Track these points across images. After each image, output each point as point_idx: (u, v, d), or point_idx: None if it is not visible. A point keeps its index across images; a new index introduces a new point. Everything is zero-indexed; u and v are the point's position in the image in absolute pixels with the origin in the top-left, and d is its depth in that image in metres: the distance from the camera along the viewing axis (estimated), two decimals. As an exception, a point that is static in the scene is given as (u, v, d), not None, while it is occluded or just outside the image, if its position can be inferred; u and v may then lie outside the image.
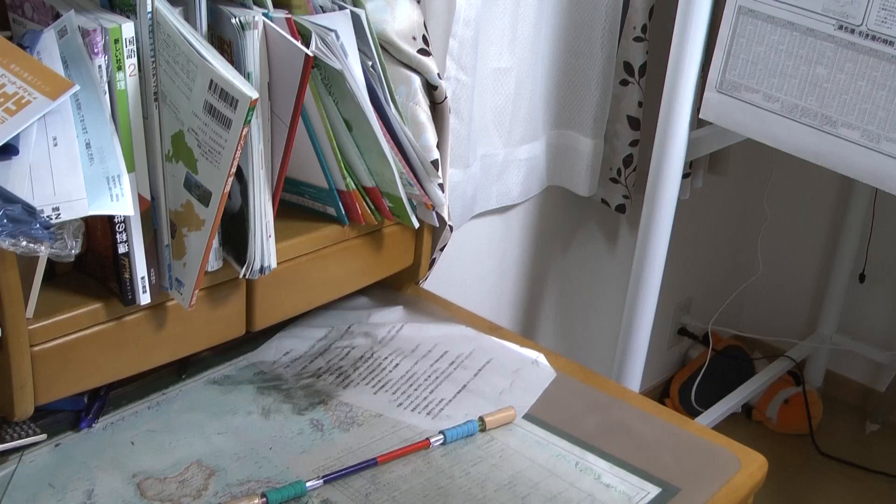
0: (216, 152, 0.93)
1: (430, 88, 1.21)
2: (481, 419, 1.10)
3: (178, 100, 0.94)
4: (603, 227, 2.16)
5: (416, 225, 1.22)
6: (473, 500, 1.01)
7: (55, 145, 0.88)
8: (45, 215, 0.85)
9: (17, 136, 0.86)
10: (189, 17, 0.97)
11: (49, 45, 0.91)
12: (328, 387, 1.17)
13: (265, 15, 0.99)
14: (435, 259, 1.37)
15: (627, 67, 1.82)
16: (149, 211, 0.99)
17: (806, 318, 2.71)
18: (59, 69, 0.90)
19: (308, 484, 0.99)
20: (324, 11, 1.09)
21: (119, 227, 0.96)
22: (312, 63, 0.97)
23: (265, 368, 1.20)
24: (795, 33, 1.46)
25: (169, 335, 1.06)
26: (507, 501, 1.01)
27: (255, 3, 1.00)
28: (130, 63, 0.93)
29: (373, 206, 1.19)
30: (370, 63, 1.11)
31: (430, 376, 1.20)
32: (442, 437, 1.08)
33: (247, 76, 0.97)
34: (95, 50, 0.90)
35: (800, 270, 2.69)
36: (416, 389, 1.17)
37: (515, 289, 1.99)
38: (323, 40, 1.03)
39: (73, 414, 1.08)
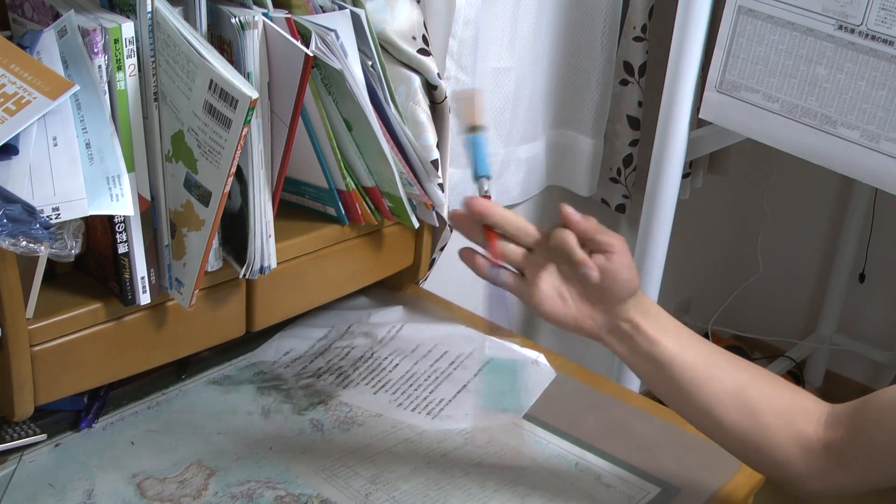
0: (216, 152, 0.93)
1: (430, 88, 1.21)
2: None
3: (178, 100, 0.94)
4: (603, 228, 2.16)
5: (416, 225, 1.22)
6: (473, 500, 1.01)
7: (55, 145, 0.88)
8: (45, 215, 0.85)
9: (17, 136, 0.86)
10: (189, 17, 0.97)
11: (49, 45, 0.91)
12: (328, 387, 1.17)
13: (265, 15, 0.99)
14: (435, 259, 1.37)
15: (627, 67, 1.82)
16: (149, 211, 0.98)
17: (806, 318, 2.71)
18: (59, 69, 0.90)
19: None
20: (324, 11, 1.09)
21: (119, 227, 0.96)
22: (312, 63, 0.97)
23: (265, 368, 1.20)
24: (795, 33, 1.46)
25: (169, 335, 1.06)
26: (507, 501, 1.01)
27: (255, 3, 1.00)
28: (130, 63, 0.92)
29: (373, 206, 1.19)
30: (370, 63, 1.11)
31: (430, 376, 1.20)
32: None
33: (247, 76, 0.97)
34: (95, 50, 0.90)
35: (800, 270, 2.69)
36: (416, 389, 1.17)
37: (515, 289, 1.98)
38: (323, 40, 1.03)
39: (73, 414, 1.08)
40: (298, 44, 0.97)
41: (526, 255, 0.94)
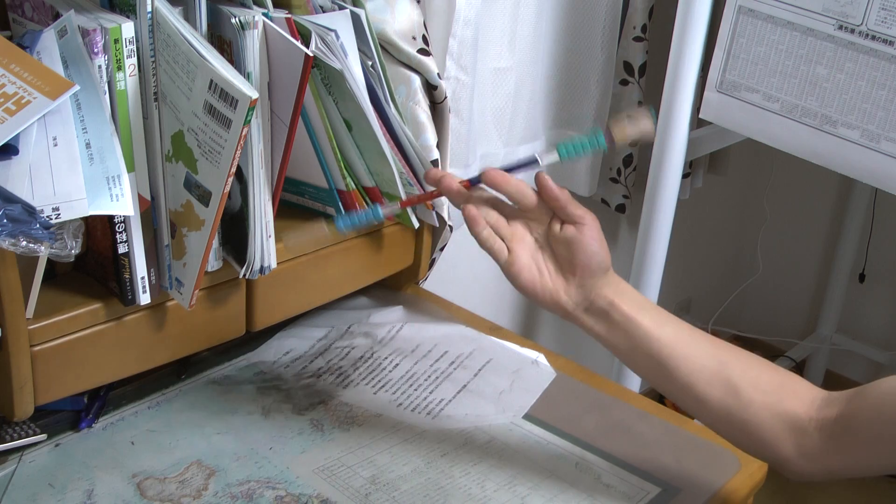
0: (216, 152, 0.93)
1: (430, 88, 1.21)
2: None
3: (178, 100, 0.94)
4: (603, 227, 2.15)
5: (416, 225, 1.22)
6: (473, 500, 1.01)
7: (55, 145, 0.88)
8: (45, 215, 0.85)
9: (17, 136, 0.86)
10: (189, 17, 0.97)
11: (49, 45, 0.91)
12: (328, 387, 1.17)
13: (265, 15, 0.99)
14: (435, 259, 1.37)
15: (627, 67, 1.82)
16: (149, 211, 0.98)
17: (806, 318, 2.71)
18: (59, 69, 0.90)
19: None
20: (324, 11, 1.09)
21: (119, 227, 0.96)
22: (312, 63, 0.97)
23: (265, 368, 1.20)
24: (795, 33, 1.46)
25: (169, 335, 1.06)
26: (507, 501, 1.01)
27: (255, 3, 1.00)
28: (130, 63, 0.93)
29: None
30: (370, 63, 1.11)
31: (430, 376, 1.20)
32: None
33: (247, 76, 0.97)
34: (95, 50, 0.90)
35: (800, 270, 2.69)
36: (416, 389, 1.17)
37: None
38: (323, 40, 1.03)
39: (73, 414, 1.08)
40: (298, 44, 0.97)
41: (507, 225, 0.97)
